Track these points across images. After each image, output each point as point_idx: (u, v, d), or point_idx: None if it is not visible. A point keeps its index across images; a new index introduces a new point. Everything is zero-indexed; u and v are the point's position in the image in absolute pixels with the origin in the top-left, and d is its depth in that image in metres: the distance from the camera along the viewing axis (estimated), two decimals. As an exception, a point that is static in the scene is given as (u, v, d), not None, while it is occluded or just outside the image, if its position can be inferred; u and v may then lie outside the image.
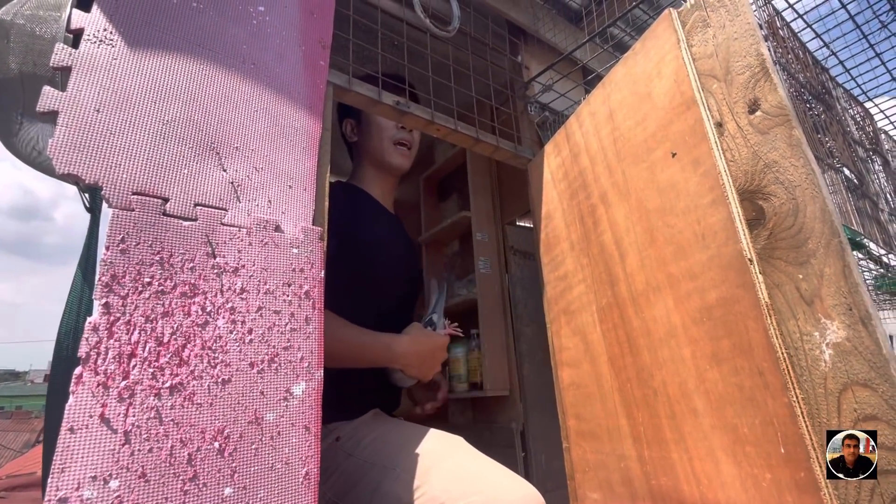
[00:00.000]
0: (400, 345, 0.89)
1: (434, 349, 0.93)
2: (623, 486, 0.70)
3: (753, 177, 0.54)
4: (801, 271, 0.49)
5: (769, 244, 0.52)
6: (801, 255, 0.49)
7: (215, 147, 0.60)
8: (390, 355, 0.88)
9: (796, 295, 0.49)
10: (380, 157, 1.06)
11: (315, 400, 0.58)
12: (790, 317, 0.49)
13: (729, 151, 0.57)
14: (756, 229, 0.54)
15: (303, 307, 0.61)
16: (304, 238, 0.64)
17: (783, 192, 0.51)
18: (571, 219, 0.86)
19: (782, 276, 0.50)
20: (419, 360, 0.91)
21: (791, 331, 0.49)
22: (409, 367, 0.90)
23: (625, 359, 0.71)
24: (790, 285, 0.50)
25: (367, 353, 0.87)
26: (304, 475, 0.54)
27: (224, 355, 0.53)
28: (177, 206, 0.55)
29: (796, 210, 0.50)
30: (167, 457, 0.47)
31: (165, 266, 0.52)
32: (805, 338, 0.48)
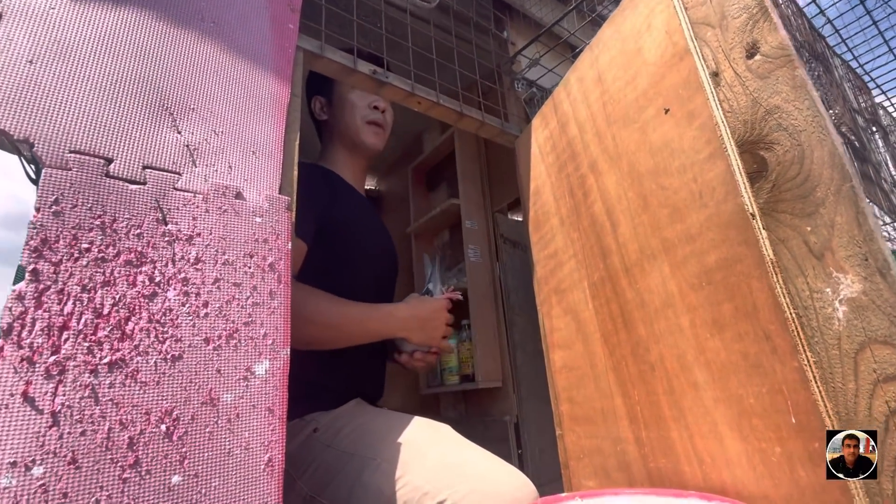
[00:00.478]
0: (400, 310, 0.85)
1: (433, 311, 0.89)
2: (620, 471, 0.65)
3: (753, 126, 0.50)
4: (809, 223, 0.44)
5: (772, 197, 0.47)
6: (808, 205, 0.44)
7: (168, 107, 0.55)
8: (394, 322, 0.84)
9: (804, 249, 0.44)
10: (352, 136, 1.00)
11: (280, 380, 0.53)
12: (798, 274, 0.45)
13: (726, 101, 0.52)
14: (758, 182, 0.49)
15: (266, 280, 0.56)
16: (269, 207, 0.59)
17: (787, 139, 0.47)
18: (560, 193, 0.81)
19: (788, 231, 0.46)
20: (421, 322, 0.87)
21: (800, 289, 0.44)
22: (411, 331, 0.85)
23: (619, 335, 0.66)
24: (797, 239, 0.45)
25: (374, 324, 0.83)
26: (266, 462, 0.49)
27: (175, 330, 0.48)
28: (122, 167, 0.50)
29: (802, 157, 0.45)
30: (103, 441, 0.41)
31: (108, 231, 0.47)
32: (815, 295, 0.43)
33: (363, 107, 1.00)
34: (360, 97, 1.00)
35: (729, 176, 0.50)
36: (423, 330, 0.87)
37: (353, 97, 1.00)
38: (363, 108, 1.00)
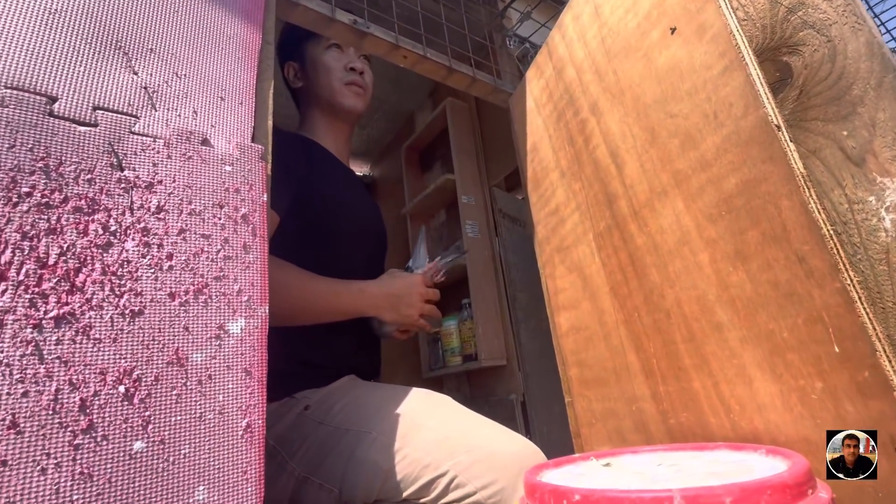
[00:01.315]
0: (370, 287, 0.80)
1: (406, 287, 0.83)
2: (636, 432, 0.60)
3: (774, 30, 0.44)
4: (845, 126, 0.39)
5: (800, 105, 0.42)
6: (843, 106, 0.39)
7: (123, 46, 0.50)
8: (364, 300, 0.78)
9: (841, 157, 0.39)
10: (330, 99, 0.93)
11: (258, 340, 0.48)
12: (834, 185, 0.39)
13: (741, 8, 0.47)
14: (782, 92, 0.43)
15: (240, 233, 0.50)
16: (241, 155, 0.53)
17: (814, 37, 0.41)
18: (560, 143, 0.76)
19: (820, 139, 0.40)
20: (393, 300, 0.81)
21: (837, 202, 0.39)
22: (383, 310, 0.80)
23: (629, 285, 0.61)
24: (832, 147, 0.40)
25: (343, 301, 0.77)
26: (244, 427, 0.44)
27: (134, 283, 0.43)
28: (68, 107, 0.44)
29: (833, 54, 0.40)
30: (50, 403, 0.36)
31: (52, 175, 0.42)
32: (856, 207, 0.38)
33: (339, 69, 0.94)
34: (335, 59, 0.94)
35: (748, 87, 0.44)
36: (395, 308, 0.81)
37: (328, 59, 0.94)
38: (339, 69, 0.94)
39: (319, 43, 0.95)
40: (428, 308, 0.85)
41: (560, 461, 0.49)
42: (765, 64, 0.45)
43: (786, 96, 0.43)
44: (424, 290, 0.85)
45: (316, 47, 0.95)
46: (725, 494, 0.30)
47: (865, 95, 0.37)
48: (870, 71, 0.37)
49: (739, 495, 0.30)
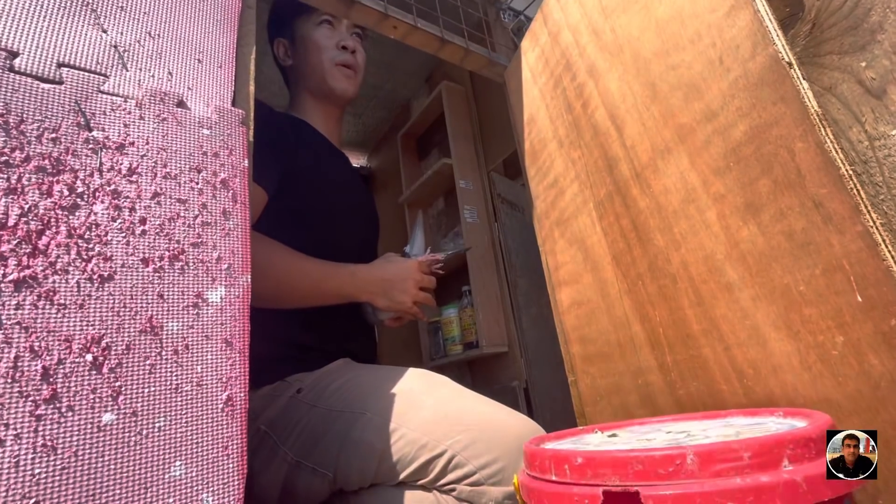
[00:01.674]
0: (362, 271, 0.76)
1: (402, 272, 0.79)
2: (643, 406, 0.57)
3: (783, -37, 0.41)
4: (864, 57, 0.36)
5: (812, 40, 0.39)
6: (860, 35, 0.36)
7: (90, 3, 0.47)
8: (356, 283, 0.75)
9: (859, 91, 0.36)
10: (320, 80, 0.89)
11: (240, 310, 0.45)
12: (853, 122, 0.36)
13: (746, -56, 0.44)
14: (793, 28, 0.40)
15: (219, 198, 0.48)
16: (219, 119, 0.51)
17: (827, -35, 0.38)
18: (557, 112, 0.73)
19: (836, 74, 0.37)
20: (385, 286, 0.77)
21: (855, 140, 0.36)
22: (374, 295, 0.77)
23: (633, 252, 0.58)
24: (849, 82, 0.37)
25: (332, 283, 0.74)
26: (224, 400, 0.41)
27: (103, 247, 0.40)
28: (30, 62, 0.41)
29: (849, -20, 0.37)
30: (9, 371, 0.33)
31: (12, 133, 0.39)
32: (878, 143, 0.35)
33: (330, 47, 0.90)
34: (325, 36, 0.90)
35: (756, 25, 0.41)
36: (387, 294, 0.78)
37: (318, 36, 0.90)
38: (330, 48, 0.90)
39: (310, 18, 0.91)
40: (422, 296, 0.82)
41: (561, 433, 0.47)
42: (773, 1, 0.42)
43: (797, 32, 0.40)
44: (419, 277, 0.81)
45: (306, 23, 0.92)
46: (743, 450, 0.27)
47: (885, 20, 0.34)
48: (890, -7, 0.34)
49: (758, 450, 0.27)
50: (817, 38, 0.39)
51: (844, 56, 0.37)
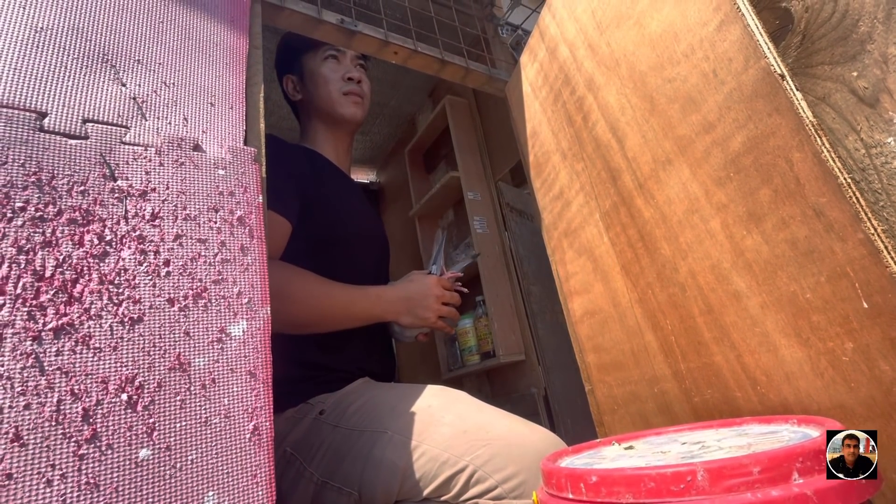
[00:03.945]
0: (388, 292, 0.79)
1: (423, 289, 0.82)
2: (660, 414, 0.57)
3: (769, -24, 0.42)
4: (855, 67, 0.36)
5: (804, 51, 0.40)
6: (850, 46, 0.37)
7: (109, 59, 0.50)
8: (382, 304, 0.78)
9: (853, 100, 0.36)
10: (329, 109, 0.94)
11: (261, 342, 0.47)
12: (849, 131, 0.37)
13: (733, -41, 0.45)
14: (783, 40, 0.41)
15: (236, 235, 0.50)
16: (233, 159, 0.53)
17: (813, -22, 0.39)
18: (558, 125, 0.74)
19: (828, 84, 0.38)
20: (409, 304, 0.80)
21: (852, 148, 0.36)
22: (399, 314, 0.79)
23: (641, 262, 0.58)
24: (842, 91, 0.37)
25: (361, 306, 0.77)
26: (251, 430, 0.43)
27: (132, 291, 0.42)
28: (59, 121, 0.44)
29: (835, -8, 0.37)
30: (52, 414, 0.36)
31: (45, 189, 0.42)
32: (874, 151, 0.35)
33: (336, 79, 0.94)
34: (332, 69, 0.94)
35: (747, 38, 0.42)
36: (412, 312, 0.81)
37: (325, 70, 0.94)
38: (337, 80, 0.94)
39: (316, 55, 0.95)
40: (445, 310, 0.84)
41: (579, 447, 0.47)
42: (763, 13, 0.43)
43: (788, 44, 0.41)
44: (440, 292, 0.84)
45: (313, 59, 0.95)
46: (753, 465, 0.28)
47: (874, 31, 0.35)
48: (876, 4, 0.35)
49: (768, 464, 0.28)
50: (808, 49, 0.39)
51: (836, 66, 0.37)
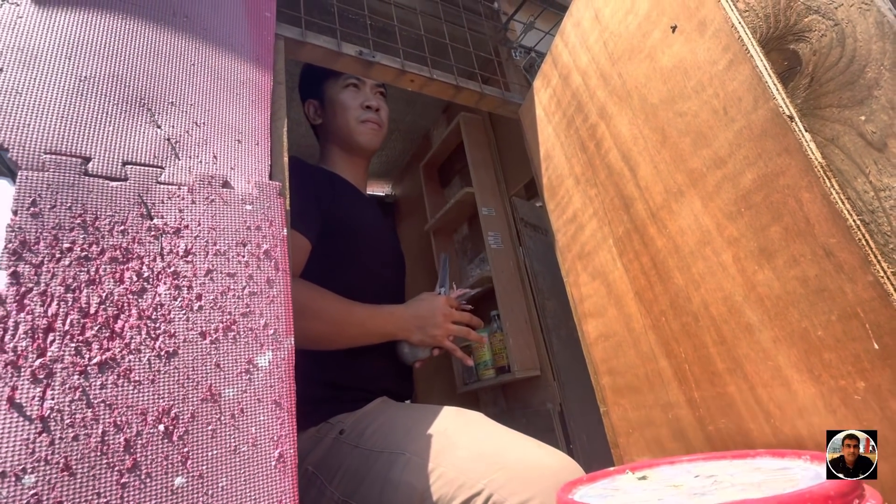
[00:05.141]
0: (400, 310, 0.82)
1: (432, 308, 0.85)
2: (675, 440, 0.58)
3: (777, 18, 0.43)
4: (863, 111, 0.37)
5: (812, 93, 0.41)
6: (857, 90, 0.37)
7: (146, 103, 0.54)
8: (394, 321, 0.81)
9: (861, 143, 0.37)
10: (347, 137, 0.97)
11: (286, 371, 0.49)
12: (857, 174, 0.38)
13: (741, 0, 0.46)
14: (792, 81, 0.42)
15: (263, 268, 0.53)
16: (259, 194, 0.56)
17: (820, 22, 0.40)
18: (572, 150, 0.75)
19: (837, 127, 0.39)
20: (419, 322, 0.82)
21: (861, 191, 0.37)
22: (410, 332, 0.82)
23: (654, 289, 0.59)
24: (850, 134, 0.38)
25: (376, 323, 0.80)
26: (277, 458, 0.45)
27: (167, 325, 0.45)
28: (101, 165, 0.48)
29: (842, 37, 0.38)
30: (98, 445, 0.39)
31: (90, 230, 0.45)
32: (883, 194, 0.36)
33: (355, 107, 0.97)
34: (351, 97, 0.98)
35: (756, 80, 0.43)
36: (422, 329, 0.83)
37: (344, 98, 0.97)
38: (355, 108, 0.97)
39: (337, 82, 0.99)
40: (455, 329, 0.86)
41: (595, 476, 0.48)
42: (771, 54, 0.44)
43: (796, 85, 0.42)
44: (449, 311, 0.86)
45: (334, 87, 0.99)
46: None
47: (881, 77, 0.36)
48: (882, 52, 0.36)
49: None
50: (816, 92, 0.40)
51: (844, 109, 0.38)
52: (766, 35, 0.44)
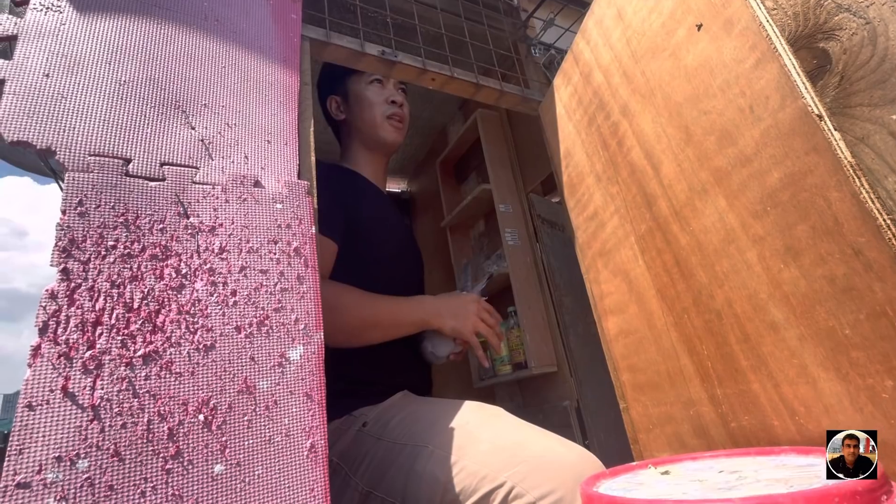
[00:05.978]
0: (427, 299, 0.84)
1: (463, 300, 0.86)
2: (696, 437, 0.58)
3: (807, 17, 0.43)
4: (894, 110, 0.37)
5: (842, 91, 0.40)
6: (889, 89, 0.37)
7: (181, 105, 0.56)
8: (425, 308, 0.82)
9: (892, 142, 0.37)
10: (372, 133, 0.98)
11: (316, 365, 0.51)
12: (888, 172, 0.37)
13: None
14: (821, 80, 0.42)
15: (293, 265, 0.54)
16: (289, 193, 0.58)
17: (851, 20, 0.40)
18: (593, 148, 0.76)
19: (868, 126, 0.39)
20: (451, 310, 0.84)
21: (892, 190, 0.37)
22: (442, 317, 0.82)
23: (676, 287, 0.59)
24: (881, 133, 0.38)
25: (404, 312, 0.81)
26: (308, 448, 0.47)
27: (205, 320, 0.47)
28: (141, 166, 0.50)
29: (874, 36, 0.38)
30: (144, 433, 0.41)
31: (131, 228, 0.47)
32: (914, 193, 0.36)
33: (380, 102, 0.98)
34: (376, 93, 0.99)
35: (784, 78, 0.43)
36: (456, 318, 0.84)
37: (370, 94, 0.99)
38: (381, 103, 0.98)
39: (361, 78, 1.00)
40: (482, 327, 0.86)
41: (617, 470, 0.49)
42: (800, 52, 0.44)
43: (826, 83, 0.42)
44: (479, 307, 0.87)
45: (358, 82, 1.00)
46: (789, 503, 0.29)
47: (913, 76, 0.36)
48: (915, 51, 0.36)
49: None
50: (847, 90, 0.40)
51: (875, 108, 0.38)
52: (794, 33, 0.44)
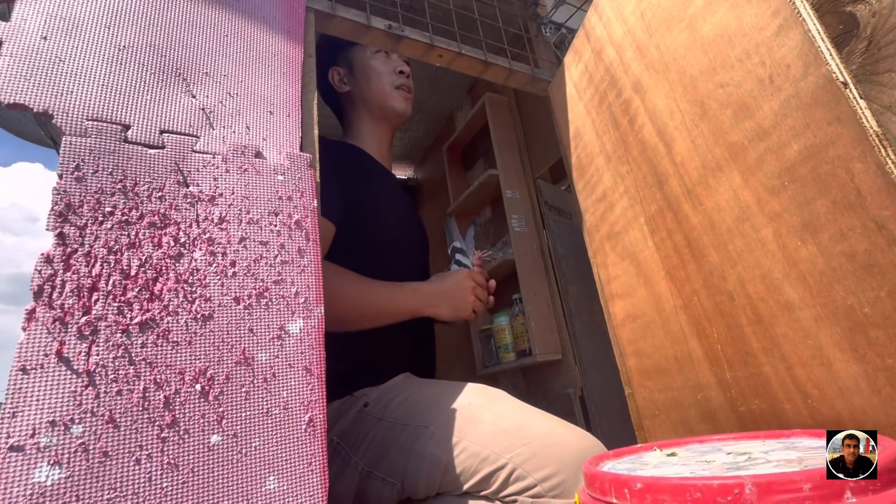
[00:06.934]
0: (423, 287, 0.82)
1: (457, 282, 0.84)
2: (704, 422, 0.57)
3: (834, -21, 0.41)
4: (926, 75, 0.35)
5: (869, 57, 0.38)
6: (921, 53, 0.35)
7: (181, 73, 0.54)
8: (419, 298, 0.81)
9: (922, 110, 0.35)
10: (381, 103, 0.96)
11: (316, 339, 0.50)
12: (916, 142, 0.35)
13: (794, -39, 0.43)
14: (847, 46, 0.40)
15: (294, 238, 0.53)
16: (291, 164, 0.57)
17: (882, -18, 0.37)
18: (603, 127, 0.74)
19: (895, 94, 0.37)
20: (445, 297, 0.82)
21: (920, 160, 0.35)
22: (438, 307, 0.81)
23: (686, 268, 0.58)
24: (910, 100, 0.36)
25: (399, 302, 0.79)
26: (307, 421, 0.46)
27: (203, 289, 0.46)
28: (140, 132, 0.49)
29: (906, -4, 0.36)
30: (140, 400, 0.40)
31: (130, 195, 0.46)
32: (944, 163, 0.34)
33: (388, 72, 0.96)
34: (382, 63, 0.97)
35: (807, 45, 0.41)
36: (450, 304, 0.83)
37: (377, 63, 0.96)
38: (389, 73, 0.96)
39: (366, 48, 0.97)
40: (479, 305, 0.85)
41: (621, 451, 0.48)
42: (825, 17, 0.41)
43: (852, 49, 0.40)
44: (472, 284, 0.85)
45: (363, 52, 0.98)
46: (804, 481, 0.28)
47: (948, 38, 0.34)
48: (952, 10, 0.33)
49: (819, 482, 0.28)
50: (874, 56, 0.38)
51: (904, 74, 0.36)
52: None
